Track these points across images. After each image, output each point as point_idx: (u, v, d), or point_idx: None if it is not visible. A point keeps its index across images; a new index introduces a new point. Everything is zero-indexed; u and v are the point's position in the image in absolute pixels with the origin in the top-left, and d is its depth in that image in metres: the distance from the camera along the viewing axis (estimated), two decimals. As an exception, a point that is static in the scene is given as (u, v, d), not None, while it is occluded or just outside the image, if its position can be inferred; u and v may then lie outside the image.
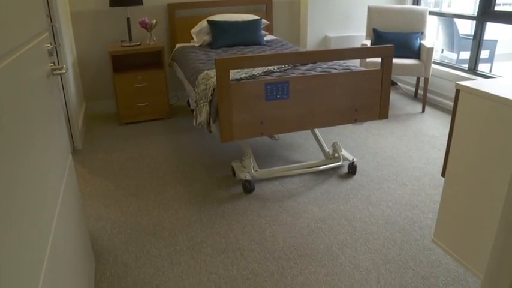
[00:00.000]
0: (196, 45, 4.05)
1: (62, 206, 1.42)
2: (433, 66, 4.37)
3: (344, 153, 3.03)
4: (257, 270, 2.02)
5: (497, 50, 5.52)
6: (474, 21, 3.96)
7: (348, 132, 3.71)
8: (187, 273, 2.01)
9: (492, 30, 6.05)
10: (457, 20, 5.27)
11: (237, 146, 3.48)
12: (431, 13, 4.56)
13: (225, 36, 3.94)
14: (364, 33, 4.77)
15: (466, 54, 4.99)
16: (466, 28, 6.48)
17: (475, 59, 4.00)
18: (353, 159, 2.93)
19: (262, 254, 2.14)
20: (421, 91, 4.64)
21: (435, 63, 4.45)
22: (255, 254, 2.14)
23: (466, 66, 4.12)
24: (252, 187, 2.75)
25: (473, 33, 3.96)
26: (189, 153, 3.35)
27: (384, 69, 2.72)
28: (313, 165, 2.97)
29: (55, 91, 1.61)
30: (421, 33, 4.21)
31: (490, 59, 5.42)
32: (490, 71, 5.24)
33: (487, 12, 3.80)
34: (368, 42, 4.22)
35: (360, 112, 2.77)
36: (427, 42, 4.09)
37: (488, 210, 1.57)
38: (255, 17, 4.17)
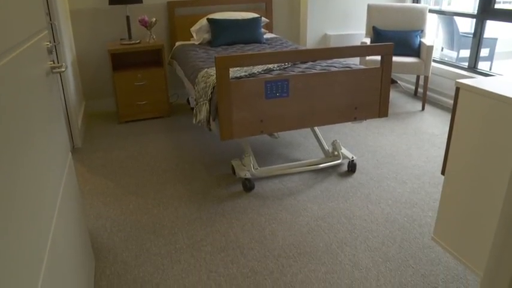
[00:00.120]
0: (196, 43, 4.05)
1: (62, 204, 1.42)
2: (432, 64, 4.37)
3: (344, 151, 3.03)
4: (257, 268, 2.02)
5: (497, 48, 5.52)
6: (474, 19, 3.95)
7: (348, 130, 3.71)
8: (187, 272, 2.01)
9: (492, 28, 6.05)
10: (457, 18, 5.27)
11: (237, 144, 3.48)
12: (431, 11, 4.55)
13: (224, 34, 3.94)
14: (364, 31, 4.76)
15: (466, 53, 4.99)
16: (466, 26, 6.48)
17: (475, 57, 3.99)
18: (353, 158, 2.93)
19: (262, 252, 2.14)
20: (420, 89, 4.64)
21: (435, 62, 4.44)
22: (255, 252, 2.14)
23: (466, 64, 4.12)
24: (251, 185, 2.75)
25: (473, 31, 3.96)
26: (189, 152, 3.35)
27: (384, 68, 2.72)
28: (312, 164, 2.97)
29: (54, 89, 1.61)
30: (421, 31, 4.21)
31: (490, 57, 5.42)
32: (490, 69, 5.25)
33: (487, 10, 3.80)
34: (368, 40, 4.21)
35: (360, 110, 2.77)
36: (427, 41, 4.08)
37: (488, 208, 1.57)
38: (255, 15, 4.16)
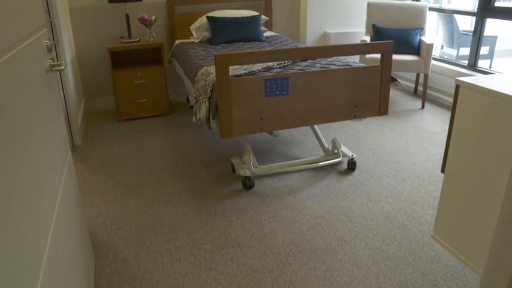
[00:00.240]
0: (196, 41, 4.04)
1: (62, 202, 1.42)
2: (432, 62, 4.37)
3: (343, 149, 3.03)
4: (257, 266, 2.02)
5: (497, 46, 5.51)
6: (474, 17, 3.95)
7: (348, 128, 3.71)
8: (186, 270, 2.01)
9: (492, 26, 6.04)
10: (457, 16, 5.26)
11: (237, 142, 3.48)
12: (431, 9, 4.55)
13: (224, 32, 3.93)
14: (363, 29, 4.76)
15: (465, 51, 4.99)
16: (466, 24, 6.47)
17: (475, 55, 3.99)
18: (352, 156, 2.93)
19: (261, 250, 2.14)
20: (420, 87, 4.64)
21: (435, 60, 4.44)
22: (255, 250, 2.14)
23: (466, 62, 4.11)
24: (251, 183, 2.75)
25: (473, 29, 3.96)
26: (189, 150, 3.35)
27: (384, 66, 2.72)
28: (312, 162, 2.97)
29: (54, 87, 1.61)
30: (421, 29, 4.20)
31: (490, 55, 5.42)
32: (490, 67, 5.24)
33: (487, 8, 3.79)
34: (368, 38, 4.21)
35: (360, 108, 2.77)
36: (427, 39, 4.08)
37: (488, 206, 1.57)
38: (255, 13, 4.16)
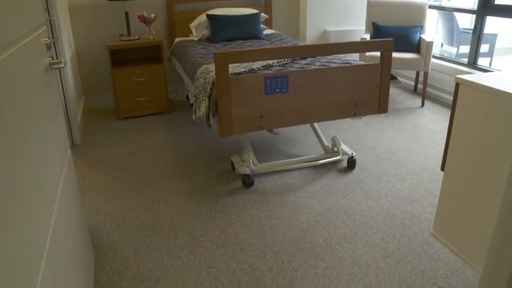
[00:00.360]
0: (195, 39, 4.04)
1: (61, 200, 1.42)
2: (432, 60, 4.36)
3: (343, 147, 3.03)
4: (256, 264, 2.03)
5: (497, 44, 5.51)
6: (474, 15, 3.94)
7: (347, 126, 3.71)
8: (186, 267, 2.01)
9: (492, 24, 6.03)
10: (457, 14, 5.25)
11: (236, 140, 3.48)
12: (431, 7, 4.54)
13: (224, 30, 3.92)
14: (363, 27, 4.75)
15: (465, 48, 4.98)
16: (466, 22, 6.46)
17: (475, 53, 3.99)
18: (352, 154, 2.93)
19: (261, 248, 2.14)
20: (420, 85, 4.64)
21: (435, 57, 4.44)
22: (254, 248, 2.14)
23: (466, 60, 4.11)
24: (251, 181, 2.75)
25: (473, 27, 3.95)
26: (188, 148, 3.34)
27: (384, 63, 2.71)
28: (312, 160, 2.97)
29: (53, 85, 1.61)
30: (421, 27, 4.20)
31: (490, 53, 5.41)
32: (490, 65, 5.24)
33: (487, 6, 3.79)
34: (367, 36, 4.20)
35: (360, 106, 2.76)
36: (427, 36, 4.07)
37: (488, 203, 1.57)
38: (254, 10, 4.15)
